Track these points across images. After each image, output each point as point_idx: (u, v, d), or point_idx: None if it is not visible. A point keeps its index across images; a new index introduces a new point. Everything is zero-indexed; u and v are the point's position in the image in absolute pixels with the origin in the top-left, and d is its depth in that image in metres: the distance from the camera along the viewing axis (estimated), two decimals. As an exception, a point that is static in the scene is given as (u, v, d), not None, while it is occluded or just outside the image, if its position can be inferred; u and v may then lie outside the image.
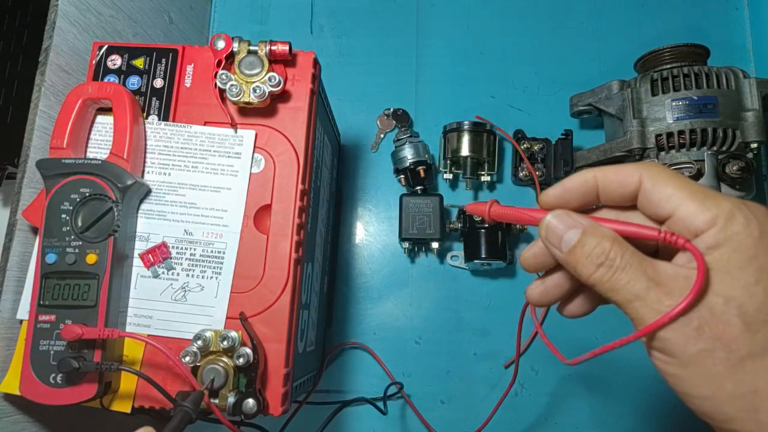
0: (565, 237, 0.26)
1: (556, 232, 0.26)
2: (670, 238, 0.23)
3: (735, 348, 0.22)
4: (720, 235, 0.23)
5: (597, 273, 0.25)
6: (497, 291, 0.64)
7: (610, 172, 0.26)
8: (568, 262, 0.26)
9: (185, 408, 0.32)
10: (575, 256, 0.25)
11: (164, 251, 0.40)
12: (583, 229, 0.25)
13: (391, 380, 0.61)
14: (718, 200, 0.23)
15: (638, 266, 0.24)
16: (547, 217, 0.26)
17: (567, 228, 0.26)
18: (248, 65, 0.41)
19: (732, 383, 0.23)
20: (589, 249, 0.25)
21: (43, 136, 0.42)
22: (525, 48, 0.70)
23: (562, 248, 0.26)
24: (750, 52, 0.69)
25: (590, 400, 0.61)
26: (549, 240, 0.27)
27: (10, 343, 0.40)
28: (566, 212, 0.26)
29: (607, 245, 0.25)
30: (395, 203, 0.63)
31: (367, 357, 0.63)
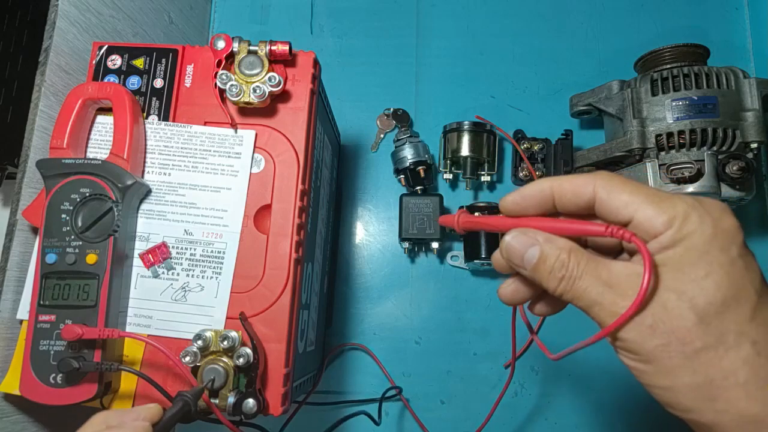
0: (525, 256, 0.27)
1: (517, 252, 0.27)
2: (617, 233, 0.24)
3: (689, 341, 0.23)
4: (675, 236, 0.24)
5: (560, 285, 0.26)
6: (497, 291, 0.64)
7: (565, 182, 0.27)
8: (534, 278, 0.27)
9: (185, 397, 0.33)
10: (539, 272, 0.27)
11: (164, 251, 0.40)
12: (539, 246, 0.26)
13: (391, 383, 0.61)
14: (673, 202, 0.24)
15: (593, 272, 0.25)
16: (506, 238, 0.28)
17: (525, 247, 0.27)
18: (248, 65, 0.41)
19: (688, 374, 0.24)
20: (550, 264, 0.26)
21: (43, 136, 0.42)
22: (525, 48, 0.70)
23: (526, 266, 0.27)
24: (750, 52, 0.69)
25: (590, 400, 0.61)
26: (512, 260, 0.28)
27: (10, 343, 0.40)
28: (522, 231, 0.27)
29: (564, 257, 0.26)
30: (395, 203, 0.63)
31: (368, 357, 0.63)
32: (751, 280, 0.24)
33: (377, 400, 0.59)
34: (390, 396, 0.61)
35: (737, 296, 0.23)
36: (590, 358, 0.62)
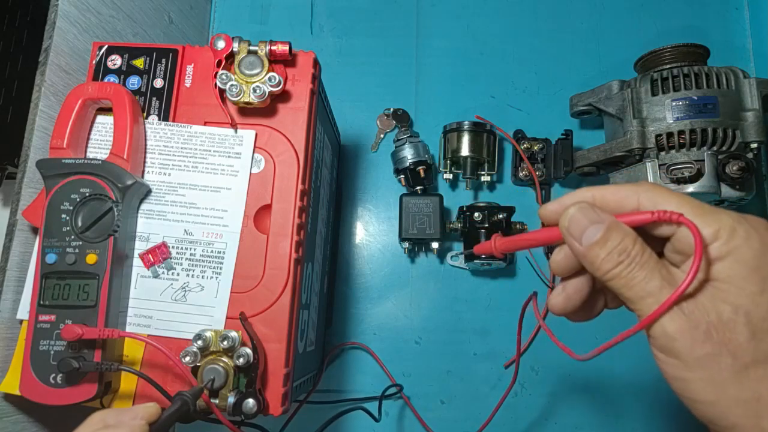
0: (587, 231, 0.26)
1: (579, 225, 0.26)
2: (664, 216, 0.24)
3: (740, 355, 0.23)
4: (723, 248, 0.24)
5: (617, 269, 0.25)
6: (497, 291, 0.64)
7: (608, 192, 0.27)
8: (586, 256, 0.26)
9: (184, 397, 0.33)
10: (594, 252, 0.26)
11: (164, 251, 0.40)
12: (607, 225, 0.25)
13: (391, 381, 0.61)
14: (719, 215, 0.24)
15: (654, 265, 0.25)
16: (571, 210, 0.27)
17: (590, 222, 0.26)
18: (248, 65, 0.41)
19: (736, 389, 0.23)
20: (612, 245, 0.25)
21: (43, 136, 0.42)
22: (525, 48, 0.70)
23: (583, 242, 0.26)
24: (750, 52, 0.69)
25: (590, 400, 0.61)
26: (570, 232, 0.27)
27: (10, 343, 0.40)
28: (590, 206, 0.26)
29: (629, 243, 0.25)
30: (395, 203, 0.63)
31: (368, 357, 0.63)
32: None
33: (377, 398, 0.59)
34: (390, 394, 0.61)
35: None
36: (591, 359, 0.62)
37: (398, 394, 0.61)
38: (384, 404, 0.61)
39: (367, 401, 0.60)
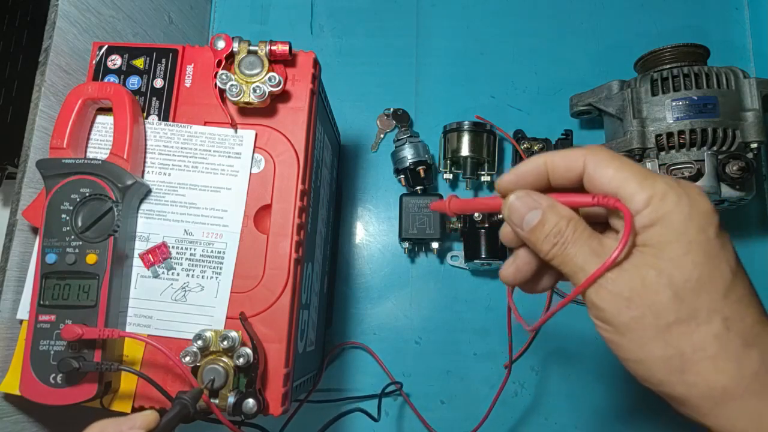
0: (526, 218, 0.27)
1: (519, 213, 0.28)
2: (602, 201, 0.25)
3: (663, 315, 0.24)
4: (653, 214, 0.25)
5: (552, 250, 0.27)
6: (497, 291, 0.64)
7: (557, 157, 0.28)
8: (529, 240, 0.28)
9: (183, 400, 0.33)
10: (536, 234, 0.27)
11: (164, 251, 0.40)
12: (543, 210, 0.27)
13: (390, 380, 0.61)
14: (653, 181, 0.25)
15: (585, 241, 0.26)
16: (511, 198, 0.28)
17: (528, 209, 0.27)
18: (248, 65, 0.41)
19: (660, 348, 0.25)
20: (548, 228, 0.27)
21: (43, 136, 0.42)
22: (525, 48, 0.70)
23: (524, 228, 0.28)
24: (750, 52, 0.69)
25: (590, 400, 0.61)
26: (512, 219, 0.28)
27: (10, 343, 0.40)
28: (528, 193, 0.28)
29: (563, 224, 0.26)
30: (395, 203, 0.63)
31: (367, 356, 0.63)
32: (726, 260, 0.25)
33: (377, 396, 0.59)
34: (390, 392, 0.61)
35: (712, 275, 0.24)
36: (591, 359, 0.62)
37: (398, 392, 0.61)
38: (384, 404, 0.61)
39: (367, 399, 0.60)
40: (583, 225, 0.27)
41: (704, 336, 0.24)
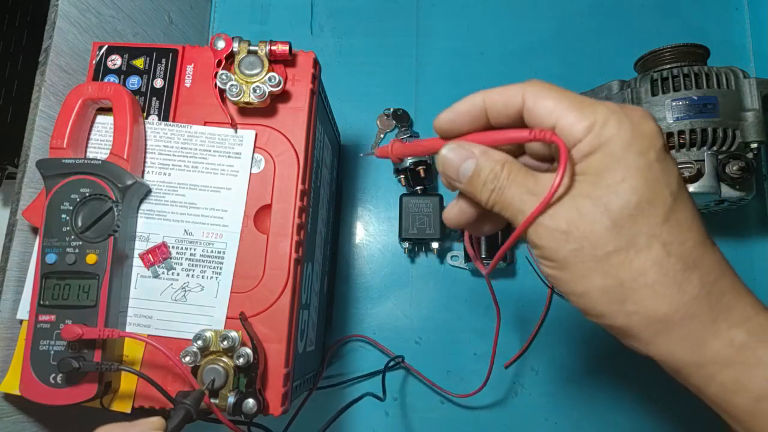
0: (461, 170, 0.27)
1: (453, 164, 0.27)
2: (539, 135, 0.24)
3: (601, 245, 0.24)
4: (594, 141, 0.24)
5: (491, 197, 0.26)
6: (497, 291, 0.64)
7: (495, 93, 0.27)
8: (467, 191, 0.27)
9: (186, 405, 0.33)
10: (473, 185, 0.27)
11: (164, 251, 0.40)
12: (476, 159, 0.26)
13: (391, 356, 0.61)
14: (594, 107, 0.24)
15: (521, 181, 0.26)
16: (443, 152, 0.27)
17: (462, 160, 0.27)
18: (248, 65, 0.41)
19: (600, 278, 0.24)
20: (484, 176, 0.26)
21: (43, 136, 0.42)
22: (525, 48, 0.70)
23: (461, 180, 0.27)
24: (750, 52, 0.69)
25: (590, 400, 0.61)
26: (447, 174, 0.28)
27: (10, 343, 0.40)
28: (459, 144, 0.27)
29: (498, 169, 0.26)
30: (395, 203, 0.63)
31: (366, 346, 0.63)
32: (667, 183, 0.24)
33: (380, 372, 0.59)
34: (393, 365, 0.61)
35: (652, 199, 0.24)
36: (591, 359, 0.62)
37: (401, 365, 0.62)
38: (390, 389, 0.61)
39: (370, 377, 0.61)
40: (518, 166, 0.26)
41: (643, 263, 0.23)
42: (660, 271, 0.23)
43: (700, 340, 0.24)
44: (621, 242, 0.23)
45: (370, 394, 0.58)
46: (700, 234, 0.24)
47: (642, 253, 0.23)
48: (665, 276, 0.23)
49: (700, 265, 0.24)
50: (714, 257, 0.24)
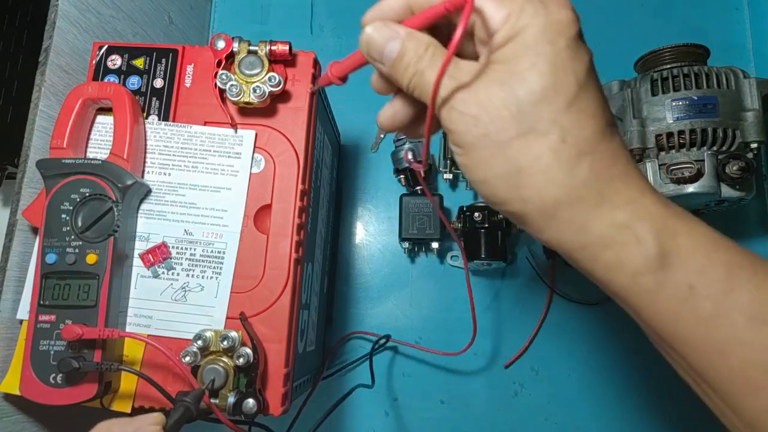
0: (385, 51, 0.26)
1: (377, 46, 0.27)
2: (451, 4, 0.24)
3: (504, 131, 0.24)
4: (510, 31, 0.24)
5: (412, 80, 0.26)
6: (497, 291, 0.64)
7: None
8: (391, 75, 0.27)
9: (186, 403, 0.33)
10: (397, 67, 0.26)
11: (164, 251, 0.40)
12: (401, 39, 0.26)
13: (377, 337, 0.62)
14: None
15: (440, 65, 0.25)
16: (367, 30, 0.27)
17: (387, 40, 0.26)
18: (248, 65, 0.41)
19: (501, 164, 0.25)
20: (408, 59, 0.26)
21: (43, 136, 0.42)
22: (525, 48, 0.70)
23: (385, 62, 0.27)
24: (750, 52, 0.69)
25: (590, 400, 0.61)
26: (371, 55, 0.27)
27: (10, 343, 0.40)
28: (384, 23, 0.26)
29: (421, 50, 0.26)
30: (395, 203, 0.63)
31: (360, 341, 0.63)
32: (573, 71, 0.24)
33: (368, 356, 0.59)
34: (380, 346, 0.61)
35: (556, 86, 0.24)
36: (591, 359, 0.62)
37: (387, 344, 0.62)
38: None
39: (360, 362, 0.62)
40: (442, 50, 0.26)
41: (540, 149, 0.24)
42: (554, 157, 0.24)
43: (585, 223, 0.24)
44: (523, 128, 0.24)
45: (361, 385, 0.58)
46: (600, 123, 0.25)
47: (540, 139, 0.24)
48: (558, 161, 0.24)
49: (593, 152, 0.24)
50: (609, 146, 0.25)
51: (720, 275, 0.23)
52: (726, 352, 0.23)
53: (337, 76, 0.32)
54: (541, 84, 0.24)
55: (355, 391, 0.61)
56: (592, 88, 0.25)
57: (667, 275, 0.23)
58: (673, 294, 0.23)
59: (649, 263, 0.23)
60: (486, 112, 0.24)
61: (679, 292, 0.23)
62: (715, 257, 0.23)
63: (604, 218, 0.24)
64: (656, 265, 0.23)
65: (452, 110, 0.25)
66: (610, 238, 0.24)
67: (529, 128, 0.24)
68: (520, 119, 0.24)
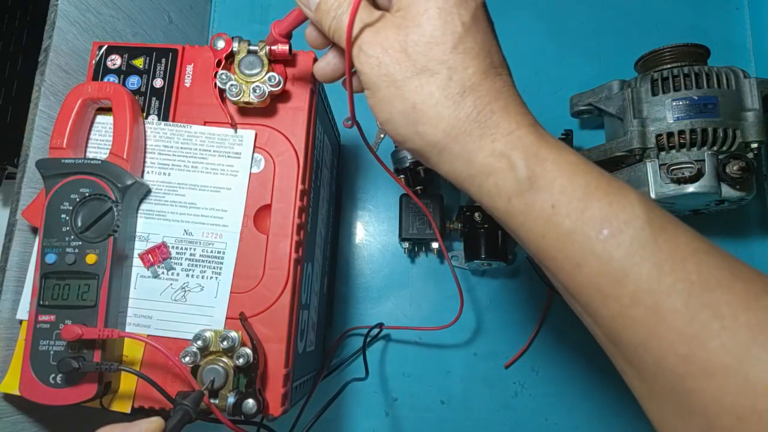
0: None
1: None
2: None
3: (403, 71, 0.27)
4: None
5: (332, 24, 0.29)
6: (497, 291, 0.64)
7: None
8: (316, 20, 0.30)
9: (185, 406, 0.32)
10: (320, 12, 0.30)
11: (164, 251, 0.40)
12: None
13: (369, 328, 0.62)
14: None
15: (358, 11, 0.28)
16: None
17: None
18: (248, 65, 0.41)
19: (400, 102, 0.28)
20: (329, 5, 0.29)
21: (43, 136, 0.42)
22: (525, 48, 0.70)
23: (311, 6, 0.30)
24: (750, 52, 0.69)
25: (590, 400, 0.61)
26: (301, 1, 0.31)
27: (10, 343, 0.40)
28: None
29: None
30: (395, 203, 0.63)
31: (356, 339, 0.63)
32: (459, 15, 0.27)
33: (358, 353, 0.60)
34: (373, 338, 0.62)
35: (444, 29, 0.27)
36: (591, 359, 0.62)
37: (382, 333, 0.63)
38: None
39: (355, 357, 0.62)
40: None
41: (431, 86, 0.27)
42: (442, 93, 0.27)
43: (470, 154, 0.27)
44: (417, 68, 0.27)
45: (355, 379, 0.58)
46: (483, 63, 0.28)
47: (431, 78, 0.27)
48: (446, 97, 0.27)
49: (476, 89, 0.27)
50: (493, 84, 0.28)
51: (578, 195, 0.25)
52: (581, 264, 0.25)
53: (281, 34, 0.35)
54: (431, 28, 0.27)
55: (355, 391, 0.61)
56: (478, 32, 0.28)
57: (534, 197, 0.26)
58: (540, 214, 0.26)
59: (520, 186, 0.26)
60: (387, 54, 0.28)
61: (543, 211, 0.26)
62: (575, 180, 0.26)
63: (485, 148, 0.27)
64: (525, 187, 0.26)
65: (360, 52, 0.28)
66: (491, 166, 0.27)
67: (422, 68, 0.27)
68: (414, 60, 0.27)
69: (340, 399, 0.61)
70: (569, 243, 0.25)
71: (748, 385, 0.21)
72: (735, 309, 0.22)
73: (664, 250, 0.23)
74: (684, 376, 0.23)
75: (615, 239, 0.24)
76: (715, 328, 0.22)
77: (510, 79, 0.29)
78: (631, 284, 0.24)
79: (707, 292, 0.22)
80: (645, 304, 0.23)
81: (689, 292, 0.23)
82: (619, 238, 0.24)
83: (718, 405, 0.22)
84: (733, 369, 0.21)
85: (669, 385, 0.24)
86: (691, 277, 0.23)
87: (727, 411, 0.22)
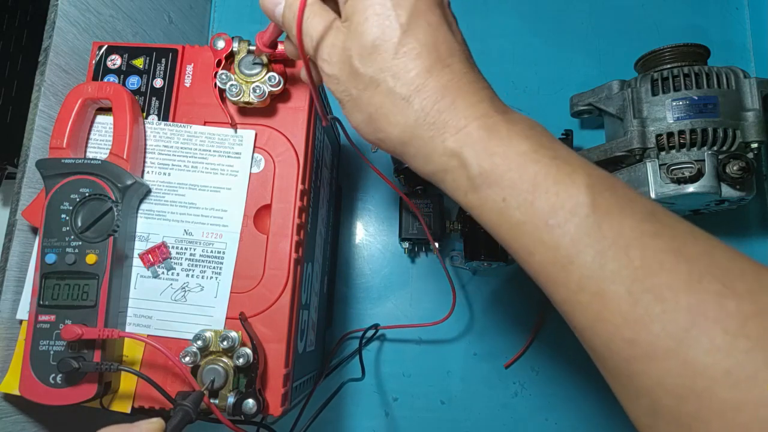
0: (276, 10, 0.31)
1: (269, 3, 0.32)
2: None
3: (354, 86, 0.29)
4: None
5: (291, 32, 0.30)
6: (497, 291, 0.64)
7: None
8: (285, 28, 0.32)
9: (185, 407, 0.32)
10: (286, 19, 0.31)
11: (164, 251, 0.40)
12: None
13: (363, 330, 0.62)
14: None
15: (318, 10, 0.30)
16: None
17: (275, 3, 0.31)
18: (248, 65, 0.41)
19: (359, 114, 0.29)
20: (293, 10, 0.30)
21: (43, 136, 0.42)
22: (525, 48, 0.70)
23: (278, 18, 0.32)
24: (750, 52, 0.69)
25: (590, 400, 0.61)
26: (266, 10, 0.32)
27: (10, 343, 0.40)
28: None
29: None
30: (395, 203, 0.63)
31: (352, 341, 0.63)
32: (397, 17, 0.27)
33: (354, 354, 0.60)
34: (369, 339, 0.62)
35: (383, 35, 0.27)
36: (591, 359, 0.61)
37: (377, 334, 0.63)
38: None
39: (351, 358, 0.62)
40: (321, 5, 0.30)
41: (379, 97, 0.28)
42: (389, 101, 0.28)
43: (427, 155, 0.28)
44: (365, 81, 0.28)
45: (351, 380, 0.58)
46: (426, 62, 0.27)
47: (378, 89, 0.28)
48: (393, 105, 0.27)
49: (421, 91, 0.27)
50: (438, 82, 0.27)
51: (526, 187, 0.26)
52: (532, 252, 0.26)
53: (265, 44, 0.36)
54: (372, 37, 0.27)
55: (356, 391, 0.61)
56: (419, 28, 0.27)
57: (487, 191, 0.27)
58: (492, 207, 0.27)
59: (473, 183, 0.27)
60: (342, 71, 0.29)
61: (496, 204, 0.26)
62: (524, 172, 0.26)
63: (438, 149, 0.27)
64: (478, 183, 0.27)
65: (323, 72, 0.30)
66: (446, 164, 0.27)
67: (369, 80, 0.28)
68: (363, 73, 0.28)
69: (340, 399, 0.61)
70: (521, 234, 0.26)
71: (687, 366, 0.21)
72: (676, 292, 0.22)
73: (608, 237, 0.24)
74: (630, 360, 0.24)
75: (561, 229, 0.25)
76: (657, 312, 0.22)
77: (461, 65, 0.29)
78: (576, 271, 0.24)
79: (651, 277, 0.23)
80: (590, 290, 0.24)
81: (633, 277, 0.23)
82: (564, 227, 0.25)
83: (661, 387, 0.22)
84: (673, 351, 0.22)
85: (618, 368, 0.25)
86: (634, 263, 0.23)
87: (668, 392, 0.22)
